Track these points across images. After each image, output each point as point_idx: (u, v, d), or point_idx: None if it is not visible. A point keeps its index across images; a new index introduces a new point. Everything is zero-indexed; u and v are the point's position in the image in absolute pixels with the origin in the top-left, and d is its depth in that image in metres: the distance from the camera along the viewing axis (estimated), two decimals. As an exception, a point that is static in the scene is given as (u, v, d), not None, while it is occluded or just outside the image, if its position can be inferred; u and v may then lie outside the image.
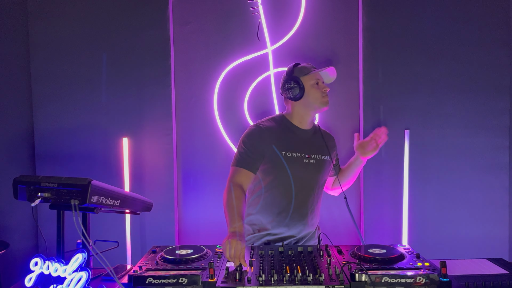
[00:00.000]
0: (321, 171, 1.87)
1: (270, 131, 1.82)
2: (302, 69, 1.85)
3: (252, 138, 1.80)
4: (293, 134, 1.85)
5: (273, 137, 1.81)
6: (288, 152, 1.79)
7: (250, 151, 1.77)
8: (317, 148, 1.87)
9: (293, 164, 1.79)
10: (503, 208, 2.53)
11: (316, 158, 1.85)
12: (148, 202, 1.70)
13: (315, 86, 1.83)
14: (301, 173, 1.81)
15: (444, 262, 1.27)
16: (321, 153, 1.87)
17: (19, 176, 1.42)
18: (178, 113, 2.65)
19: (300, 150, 1.82)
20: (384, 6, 2.51)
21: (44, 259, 1.34)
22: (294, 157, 1.80)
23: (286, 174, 1.79)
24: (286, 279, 1.26)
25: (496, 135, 2.52)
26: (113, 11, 2.57)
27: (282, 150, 1.79)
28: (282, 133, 1.84)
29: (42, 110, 2.60)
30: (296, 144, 1.83)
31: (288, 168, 1.79)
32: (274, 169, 1.79)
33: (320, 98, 1.83)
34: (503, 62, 2.50)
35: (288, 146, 1.81)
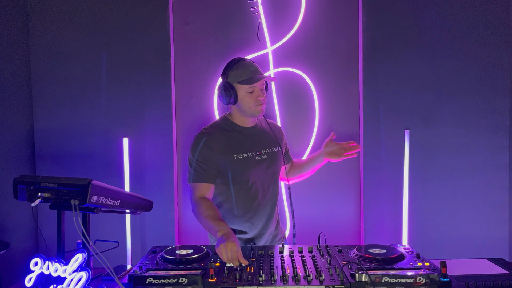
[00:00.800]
0: (275, 164, 1.88)
1: (216, 138, 1.79)
2: (240, 73, 1.75)
3: (201, 150, 1.76)
4: (238, 134, 1.83)
5: (220, 143, 1.79)
6: (239, 154, 1.79)
7: (203, 164, 1.75)
8: (266, 142, 1.87)
9: (247, 164, 1.79)
10: (503, 208, 2.53)
11: (267, 153, 1.85)
12: (148, 202, 1.70)
13: (249, 95, 1.76)
14: (257, 172, 1.81)
15: (444, 262, 1.27)
16: (271, 146, 1.88)
17: (19, 176, 1.42)
18: (178, 113, 2.65)
19: (249, 149, 1.81)
20: (384, 6, 2.51)
21: (44, 259, 1.34)
22: (246, 157, 1.79)
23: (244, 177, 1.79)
24: (286, 279, 1.26)
25: (496, 135, 2.51)
26: (113, 11, 2.57)
27: (232, 154, 1.78)
28: (227, 136, 1.81)
29: (42, 110, 2.60)
30: (244, 144, 1.81)
31: (244, 170, 1.78)
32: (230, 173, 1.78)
33: (252, 107, 1.77)
34: (503, 62, 2.50)
35: (237, 149, 1.79)
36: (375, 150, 2.54)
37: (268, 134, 1.90)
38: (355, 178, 2.63)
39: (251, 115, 1.81)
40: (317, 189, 2.62)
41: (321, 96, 2.60)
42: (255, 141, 1.85)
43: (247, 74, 1.75)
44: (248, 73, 1.76)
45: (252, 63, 1.81)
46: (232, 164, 1.77)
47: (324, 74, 2.60)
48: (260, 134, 1.88)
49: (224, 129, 1.83)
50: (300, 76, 2.60)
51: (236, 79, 1.76)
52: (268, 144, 1.87)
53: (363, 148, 2.56)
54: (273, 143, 1.89)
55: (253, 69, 1.78)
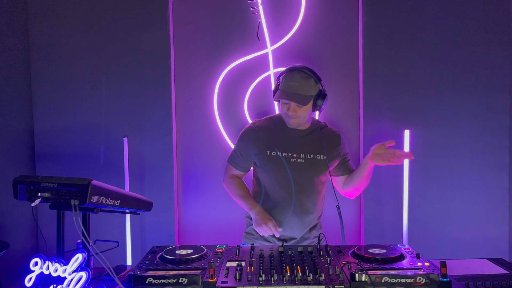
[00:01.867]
0: (312, 170, 1.83)
1: (261, 131, 1.86)
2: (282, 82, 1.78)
3: (241, 139, 1.90)
4: (284, 133, 1.86)
5: (262, 136, 1.85)
6: (273, 152, 1.82)
7: (239, 150, 1.90)
8: (310, 147, 1.84)
9: (277, 163, 1.81)
10: (503, 208, 2.53)
11: (306, 158, 1.82)
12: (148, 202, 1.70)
13: (284, 104, 1.79)
14: (286, 173, 1.81)
15: (444, 262, 1.27)
16: (313, 152, 1.84)
17: (19, 176, 1.42)
18: (178, 113, 2.65)
19: (288, 150, 1.82)
20: (384, 6, 2.52)
21: (44, 259, 1.34)
22: (279, 156, 1.81)
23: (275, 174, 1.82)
24: (286, 279, 1.26)
25: (496, 135, 2.51)
26: (113, 11, 2.57)
27: (267, 150, 1.83)
28: (273, 132, 1.86)
29: (42, 110, 2.60)
30: (285, 144, 1.83)
31: (275, 167, 1.81)
32: (263, 168, 1.84)
33: (284, 115, 1.82)
34: (503, 62, 2.50)
35: (275, 146, 1.83)
36: (375, 150, 2.54)
37: (316, 141, 1.86)
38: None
39: (285, 121, 1.85)
40: (317, 189, 2.62)
41: (321, 96, 2.60)
42: (297, 144, 1.84)
43: (285, 87, 1.76)
44: (285, 86, 1.76)
45: (298, 78, 1.75)
46: (264, 159, 1.83)
47: (324, 74, 2.59)
48: (308, 138, 1.86)
49: (272, 124, 1.89)
50: (300, 76, 2.59)
51: (281, 85, 1.79)
52: (310, 150, 1.84)
53: (363, 148, 2.56)
54: (318, 150, 1.84)
55: (293, 84, 1.74)
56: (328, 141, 1.88)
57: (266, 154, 1.82)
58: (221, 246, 1.59)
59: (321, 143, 1.85)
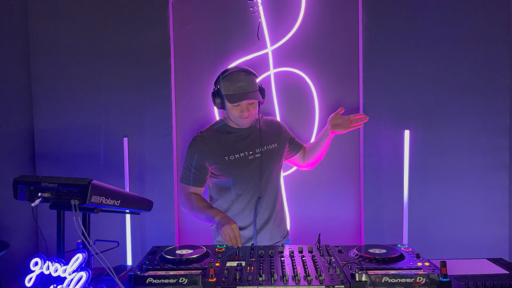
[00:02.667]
0: (271, 161, 1.89)
1: (210, 141, 1.86)
2: (227, 87, 1.78)
3: (192, 153, 1.86)
4: (232, 136, 1.88)
5: (213, 146, 1.85)
6: (231, 156, 1.83)
7: (192, 167, 1.85)
8: (261, 141, 1.88)
9: (240, 164, 1.83)
10: (503, 208, 2.53)
11: (261, 151, 1.87)
12: (148, 202, 1.69)
13: (234, 107, 1.79)
14: (252, 171, 1.84)
15: (444, 262, 1.27)
16: (266, 144, 1.89)
17: (19, 176, 1.42)
18: (178, 113, 2.65)
19: (242, 150, 1.85)
20: (384, 6, 2.51)
21: (44, 259, 1.34)
22: (237, 158, 1.83)
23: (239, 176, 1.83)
24: (286, 279, 1.26)
25: (496, 135, 2.51)
26: (113, 11, 2.57)
27: (224, 156, 1.83)
28: (220, 139, 1.87)
29: (42, 110, 2.60)
30: (236, 145, 1.86)
31: (237, 170, 1.83)
32: (225, 175, 1.84)
33: (236, 118, 1.82)
34: (503, 62, 2.50)
35: (229, 150, 1.84)
36: (375, 150, 2.54)
37: (264, 132, 1.91)
38: (355, 178, 2.63)
39: (237, 124, 1.86)
40: (317, 189, 2.62)
41: (321, 96, 2.60)
42: (248, 142, 1.88)
43: (233, 90, 1.76)
44: (234, 89, 1.76)
45: (243, 77, 1.77)
46: (224, 166, 1.83)
47: (324, 74, 2.60)
48: (255, 133, 1.90)
49: (219, 131, 1.89)
50: (300, 76, 2.59)
51: (223, 91, 1.79)
52: (263, 143, 1.89)
53: (363, 148, 2.56)
54: (269, 140, 1.91)
55: (241, 84, 1.76)
56: (272, 129, 1.95)
57: (225, 161, 1.82)
58: (221, 246, 1.59)
59: (266, 133, 1.91)
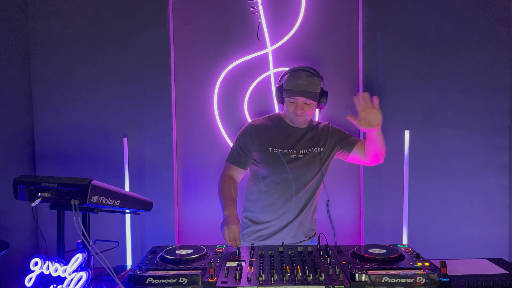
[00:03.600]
0: (312, 164, 1.89)
1: (261, 129, 1.91)
2: (289, 82, 1.82)
3: (242, 136, 1.93)
4: (282, 131, 1.91)
5: (262, 135, 1.90)
6: (275, 149, 1.87)
7: (239, 148, 1.91)
8: (308, 143, 1.90)
9: (279, 160, 1.85)
10: (503, 208, 2.53)
11: (305, 153, 1.88)
12: (148, 202, 1.70)
13: (290, 103, 1.84)
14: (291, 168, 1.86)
15: (444, 262, 1.27)
16: (311, 147, 1.90)
17: (19, 176, 1.42)
18: (178, 113, 2.65)
19: (287, 147, 1.88)
20: (384, 6, 2.51)
21: (44, 259, 1.34)
22: (280, 153, 1.86)
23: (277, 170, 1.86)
24: (286, 279, 1.26)
25: (496, 135, 2.51)
26: (113, 11, 2.57)
27: (269, 147, 1.87)
28: (273, 131, 1.91)
29: (42, 110, 2.60)
30: (284, 141, 1.89)
31: (277, 164, 1.86)
32: (264, 164, 1.88)
33: (291, 115, 1.86)
34: (503, 62, 2.50)
35: (275, 143, 1.88)
36: (375, 150, 2.54)
37: (314, 135, 1.93)
38: (355, 178, 2.63)
39: (291, 121, 1.90)
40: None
41: (321, 96, 2.60)
42: (296, 140, 1.90)
43: (292, 86, 1.80)
44: (293, 85, 1.80)
45: (305, 76, 1.80)
46: (266, 156, 1.87)
47: (324, 74, 2.59)
48: (307, 135, 1.92)
49: (272, 122, 1.94)
50: (300, 76, 2.59)
51: (285, 85, 1.84)
52: (308, 145, 1.90)
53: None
54: (315, 144, 1.91)
55: (300, 82, 1.79)
56: (322, 134, 1.95)
57: (268, 151, 1.87)
58: (221, 246, 1.59)
59: (315, 136, 1.92)
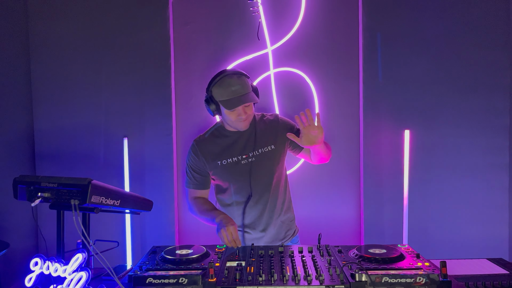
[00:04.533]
0: (265, 165, 1.81)
1: (204, 146, 1.83)
2: (221, 93, 1.71)
3: (189, 158, 1.86)
4: (227, 140, 1.83)
5: (208, 150, 1.82)
6: (224, 160, 1.80)
7: (192, 171, 1.85)
8: (256, 144, 1.81)
9: (231, 169, 1.80)
10: (503, 208, 2.53)
11: (255, 154, 1.80)
12: (148, 202, 1.69)
13: (230, 112, 1.73)
14: (243, 175, 1.80)
15: (444, 262, 1.27)
16: (262, 146, 1.81)
17: (19, 176, 1.42)
18: (178, 113, 2.65)
19: (235, 154, 1.80)
20: (384, 6, 2.51)
21: (44, 259, 1.34)
22: (230, 163, 1.80)
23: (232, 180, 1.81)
24: (286, 279, 1.26)
25: (496, 135, 2.51)
26: (113, 11, 2.57)
27: (217, 160, 1.80)
28: (215, 143, 1.83)
29: (42, 110, 2.60)
30: (230, 149, 1.81)
31: (229, 174, 1.80)
32: (221, 178, 1.83)
33: (234, 122, 1.76)
34: (503, 62, 2.50)
35: (222, 155, 1.81)
36: (375, 150, 2.54)
37: (260, 134, 1.83)
38: (355, 178, 2.63)
39: (235, 128, 1.81)
40: (317, 189, 2.62)
41: (321, 96, 2.60)
42: (242, 145, 1.82)
43: (228, 95, 1.70)
44: (228, 94, 1.70)
45: (235, 81, 1.70)
46: (218, 170, 1.81)
47: (324, 74, 2.60)
48: (251, 136, 1.83)
49: (215, 135, 1.86)
50: (300, 76, 2.60)
51: (217, 97, 1.73)
52: (258, 145, 1.81)
53: (363, 148, 2.56)
54: (265, 143, 1.82)
55: (235, 88, 1.69)
56: (270, 130, 1.85)
57: (217, 164, 1.80)
58: (221, 246, 1.59)
59: (264, 135, 1.83)
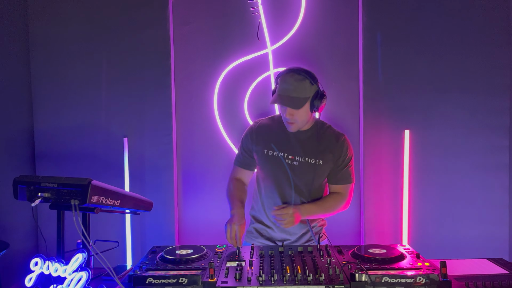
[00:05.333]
0: (305, 174, 1.77)
1: (262, 130, 1.86)
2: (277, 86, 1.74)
3: (244, 137, 1.90)
4: (282, 133, 1.82)
5: (262, 136, 1.84)
6: (270, 151, 1.80)
7: (243, 150, 1.90)
8: (307, 150, 1.78)
9: (273, 163, 1.79)
10: (503, 208, 2.53)
11: (300, 160, 1.77)
12: (148, 202, 1.70)
13: (281, 108, 1.75)
14: (281, 173, 1.78)
15: (444, 262, 1.27)
16: (309, 156, 1.77)
17: (19, 176, 1.42)
18: (178, 113, 2.65)
19: (284, 150, 1.79)
20: (384, 6, 2.51)
21: (44, 259, 1.34)
22: (275, 156, 1.79)
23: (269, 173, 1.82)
24: (286, 279, 1.26)
25: (496, 135, 2.51)
26: (113, 11, 2.57)
27: (265, 149, 1.82)
28: (271, 131, 1.84)
29: (42, 110, 2.60)
30: (283, 144, 1.80)
31: (270, 166, 1.81)
32: (260, 166, 1.86)
33: (284, 120, 1.78)
34: (503, 62, 2.50)
35: (273, 145, 1.80)
36: (375, 150, 2.54)
37: (315, 144, 1.79)
38: (355, 178, 2.63)
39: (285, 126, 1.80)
40: (317, 189, 2.62)
41: (321, 96, 2.60)
42: (296, 145, 1.79)
43: (279, 90, 1.71)
44: (279, 90, 1.71)
45: (292, 81, 1.68)
46: (261, 158, 1.83)
47: (324, 74, 2.59)
48: (305, 140, 1.80)
49: (274, 123, 1.87)
50: (300, 76, 2.59)
51: (276, 89, 1.75)
52: (306, 153, 1.78)
53: (363, 148, 2.56)
54: (314, 154, 1.77)
55: (286, 87, 1.68)
56: (328, 145, 1.80)
57: (263, 152, 1.81)
58: (221, 246, 1.59)
59: (316, 146, 1.79)
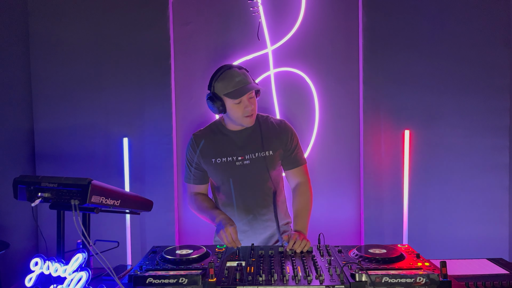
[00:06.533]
0: (260, 170, 1.75)
1: (201, 141, 1.79)
2: (225, 85, 1.68)
3: (188, 153, 1.83)
4: (225, 138, 1.78)
5: (204, 146, 1.78)
6: (218, 159, 1.75)
7: (190, 165, 1.83)
8: (253, 147, 1.75)
9: (225, 169, 1.75)
10: (503, 208, 2.53)
11: (251, 158, 1.74)
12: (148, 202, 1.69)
13: (236, 106, 1.68)
14: (236, 177, 1.76)
15: (444, 262, 1.27)
16: (258, 151, 1.75)
17: (19, 176, 1.42)
18: (178, 113, 2.65)
19: (231, 154, 1.75)
20: (384, 6, 2.51)
21: (44, 259, 1.34)
22: (224, 162, 1.75)
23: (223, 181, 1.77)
24: (286, 279, 1.26)
25: (496, 135, 2.51)
26: (113, 11, 2.57)
27: (212, 158, 1.76)
28: (213, 140, 1.79)
29: (42, 110, 2.60)
30: (227, 148, 1.76)
31: (221, 174, 1.77)
32: (213, 176, 1.80)
33: (240, 117, 1.70)
34: (503, 62, 2.50)
35: (218, 153, 1.76)
36: (375, 150, 2.54)
37: (261, 137, 1.77)
38: (355, 178, 2.63)
39: (240, 125, 1.76)
40: (317, 189, 2.62)
41: (321, 96, 2.60)
42: (240, 146, 1.77)
43: (233, 86, 1.67)
44: (233, 85, 1.67)
45: (238, 72, 1.69)
46: (211, 168, 1.78)
47: (324, 74, 2.60)
48: (250, 137, 1.77)
49: (213, 132, 1.81)
50: (300, 76, 2.60)
51: (222, 91, 1.69)
52: (255, 149, 1.75)
53: (363, 148, 2.56)
54: (262, 147, 1.75)
55: (239, 79, 1.67)
56: (273, 134, 1.78)
57: (211, 162, 1.76)
58: (221, 246, 1.59)
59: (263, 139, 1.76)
